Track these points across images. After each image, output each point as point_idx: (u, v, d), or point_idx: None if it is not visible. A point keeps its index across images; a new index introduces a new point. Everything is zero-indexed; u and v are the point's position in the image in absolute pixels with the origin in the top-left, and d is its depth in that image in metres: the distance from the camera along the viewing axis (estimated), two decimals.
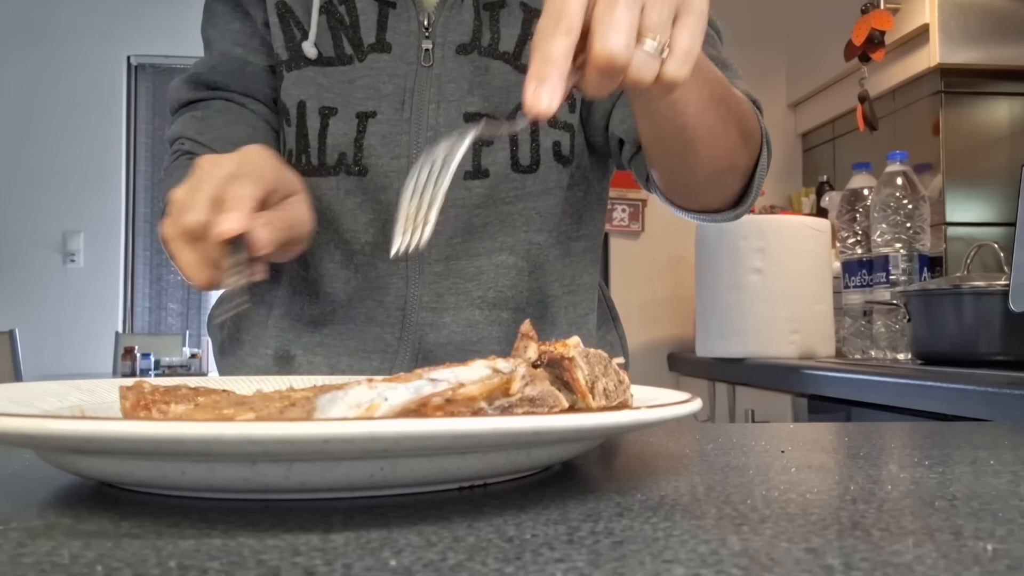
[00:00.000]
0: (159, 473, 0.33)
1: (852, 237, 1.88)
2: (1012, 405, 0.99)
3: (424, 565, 0.25)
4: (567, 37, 0.46)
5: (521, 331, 0.43)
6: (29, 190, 4.32)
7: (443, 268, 0.82)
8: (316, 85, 0.84)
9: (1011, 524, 0.31)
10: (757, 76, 2.57)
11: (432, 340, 0.82)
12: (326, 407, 0.33)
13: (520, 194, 0.83)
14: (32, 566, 0.25)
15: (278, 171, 0.65)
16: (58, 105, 4.36)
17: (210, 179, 0.61)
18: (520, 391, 0.36)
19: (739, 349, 1.88)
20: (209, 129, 0.87)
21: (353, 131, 0.83)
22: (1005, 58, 1.92)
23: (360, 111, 0.83)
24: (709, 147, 0.68)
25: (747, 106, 0.75)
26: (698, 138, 0.66)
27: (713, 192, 0.77)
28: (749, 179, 0.77)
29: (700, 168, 0.71)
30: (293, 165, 0.86)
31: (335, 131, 0.84)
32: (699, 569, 0.25)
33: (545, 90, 0.45)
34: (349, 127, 0.83)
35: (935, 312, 1.45)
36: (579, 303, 0.89)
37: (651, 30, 0.48)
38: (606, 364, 0.41)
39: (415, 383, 0.34)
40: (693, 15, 0.50)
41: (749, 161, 0.75)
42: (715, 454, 0.48)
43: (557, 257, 0.87)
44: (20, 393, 0.46)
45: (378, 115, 0.82)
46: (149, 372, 3.48)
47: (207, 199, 0.60)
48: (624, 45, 0.46)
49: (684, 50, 0.49)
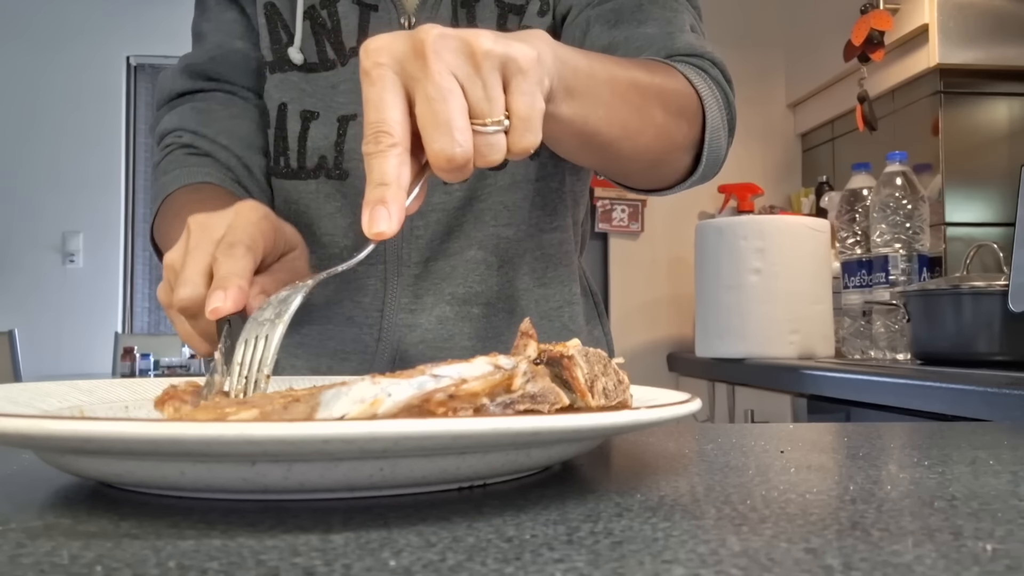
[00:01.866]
0: (158, 473, 0.33)
1: (851, 237, 1.88)
2: (1011, 405, 0.99)
3: (424, 565, 0.25)
4: (393, 151, 0.44)
5: (521, 329, 0.43)
6: (28, 190, 4.31)
7: (421, 270, 0.83)
8: (299, 90, 0.84)
9: (1010, 524, 0.31)
10: (756, 76, 2.57)
11: (408, 340, 0.83)
12: (330, 403, 0.33)
13: (491, 189, 0.83)
14: (31, 566, 0.25)
15: (273, 230, 0.62)
16: (57, 105, 4.36)
17: (202, 245, 0.58)
18: (522, 387, 0.36)
19: (738, 349, 1.88)
20: (212, 121, 0.85)
21: (334, 135, 0.83)
22: (1004, 58, 1.92)
23: (341, 115, 0.83)
24: (632, 140, 0.65)
25: (672, 81, 0.70)
26: (614, 137, 0.63)
27: (661, 172, 0.73)
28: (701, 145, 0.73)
29: (633, 159, 0.68)
30: (272, 168, 0.87)
31: (315, 135, 0.84)
32: (698, 569, 0.25)
33: (381, 214, 0.44)
34: (330, 131, 0.83)
35: (934, 312, 1.45)
36: (551, 296, 0.88)
37: (481, 112, 0.46)
38: (605, 363, 0.41)
39: (418, 379, 0.34)
40: (521, 75, 0.47)
41: (691, 133, 0.72)
42: (714, 454, 0.48)
43: (527, 250, 0.86)
44: (19, 393, 0.46)
45: (359, 118, 0.82)
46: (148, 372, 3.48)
47: (200, 271, 0.57)
48: (457, 141, 0.45)
49: (524, 118, 0.48)
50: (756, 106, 2.59)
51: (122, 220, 4.45)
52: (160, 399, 0.45)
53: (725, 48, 0.89)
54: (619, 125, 0.63)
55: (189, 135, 0.84)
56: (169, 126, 0.86)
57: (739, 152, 2.58)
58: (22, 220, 4.30)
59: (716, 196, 2.49)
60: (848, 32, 2.03)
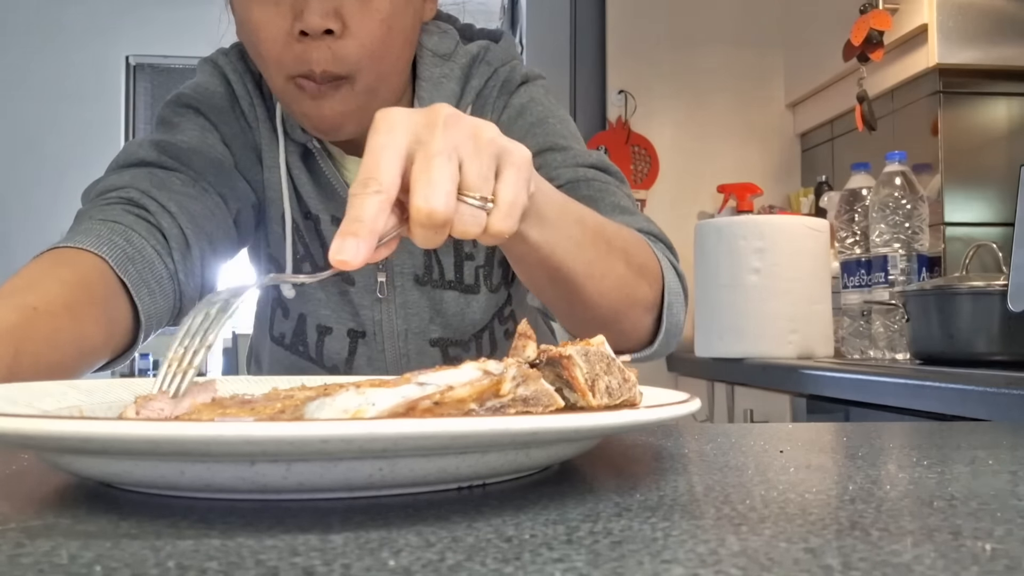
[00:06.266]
0: (158, 473, 0.33)
1: (851, 237, 1.88)
2: (1010, 405, 0.99)
3: (423, 565, 0.25)
4: (376, 196, 0.46)
5: (519, 331, 0.43)
6: (28, 190, 4.31)
7: None
8: (315, 300, 0.92)
9: (1009, 524, 0.31)
10: (756, 76, 2.57)
11: None
12: (314, 413, 0.33)
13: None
14: (31, 566, 0.25)
15: None
16: (57, 105, 4.36)
17: None
18: (511, 392, 0.36)
19: (738, 349, 1.88)
20: (166, 190, 0.80)
21: (345, 351, 0.93)
22: (1004, 58, 1.92)
23: (351, 328, 0.93)
24: (594, 282, 0.68)
25: (636, 239, 0.75)
26: (578, 275, 0.66)
27: (623, 327, 0.75)
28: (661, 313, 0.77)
29: (592, 304, 0.70)
30: (287, 347, 0.96)
31: (330, 349, 0.93)
32: (698, 569, 0.25)
33: (350, 244, 0.45)
34: (342, 346, 0.93)
35: (934, 312, 1.45)
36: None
37: (471, 186, 0.49)
38: (608, 362, 0.41)
39: (403, 387, 0.34)
40: (514, 167, 0.51)
41: (651, 294, 0.75)
42: (714, 454, 0.48)
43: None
44: (19, 393, 0.46)
45: (366, 335, 0.93)
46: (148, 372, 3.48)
47: None
48: (443, 201, 0.47)
49: (508, 203, 0.50)
50: (755, 106, 2.59)
51: None
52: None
53: (725, 48, 0.90)
54: (584, 263, 0.66)
55: (137, 192, 0.78)
56: (117, 183, 0.80)
57: (738, 152, 2.58)
58: (22, 220, 4.30)
59: (715, 196, 2.49)
60: (847, 32, 2.03)
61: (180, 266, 0.78)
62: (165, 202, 0.79)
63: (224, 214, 0.84)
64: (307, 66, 0.76)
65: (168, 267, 0.77)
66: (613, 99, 2.52)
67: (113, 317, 0.71)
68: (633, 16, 2.53)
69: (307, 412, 0.34)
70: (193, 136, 0.86)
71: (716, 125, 2.57)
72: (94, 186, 0.82)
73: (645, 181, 2.51)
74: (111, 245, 0.72)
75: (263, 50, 0.78)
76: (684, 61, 2.52)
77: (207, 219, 0.82)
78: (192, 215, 0.80)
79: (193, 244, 0.79)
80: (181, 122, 0.87)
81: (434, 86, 0.88)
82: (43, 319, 0.64)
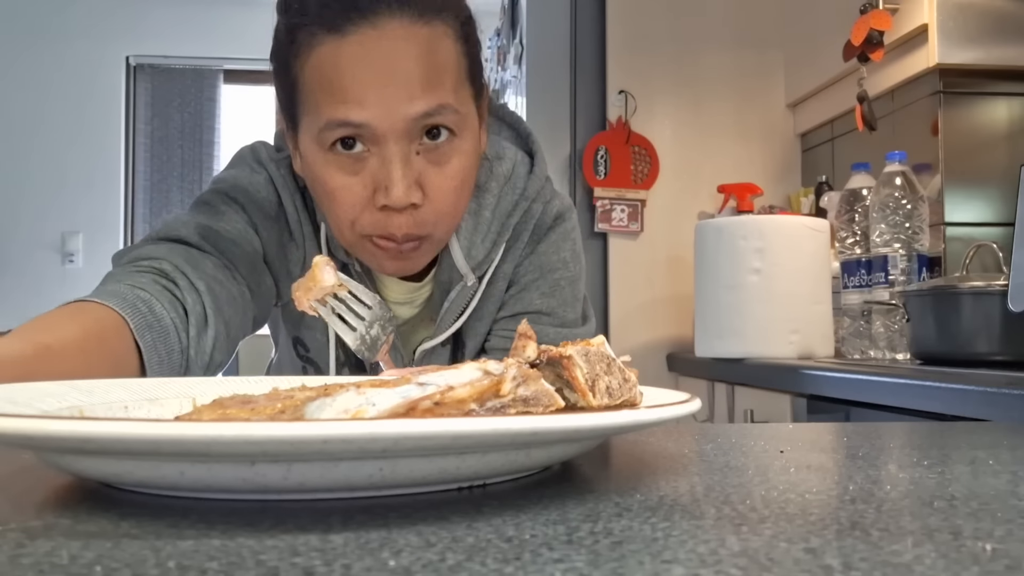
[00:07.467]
0: (158, 474, 0.33)
1: (851, 237, 1.88)
2: (1011, 405, 0.99)
3: (423, 565, 0.25)
4: None
5: (519, 331, 0.43)
6: (28, 190, 4.31)
7: None
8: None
9: (1010, 524, 0.31)
10: (756, 77, 2.57)
11: None
12: (315, 413, 0.33)
13: None
14: (31, 567, 0.25)
15: None
16: (57, 105, 4.36)
17: None
18: (512, 392, 0.36)
19: (738, 349, 1.88)
20: (198, 270, 0.81)
21: None
22: (1004, 58, 1.92)
23: None
24: None
25: None
26: None
27: None
28: None
29: None
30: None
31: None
32: (698, 569, 0.25)
33: None
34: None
35: (934, 312, 1.45)
36: None
37: None
38: (609, 362, 0.41)
39: (403, 388, 0.34)
40: None
41: None
42: (714, 454, 0.48)
43: None
44: (19, 393, 0.46)
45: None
46: None
47: None
48: None
49: None
50: (755, 106, 2.58)
51: (121, 220, 4.45)
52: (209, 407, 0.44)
53: (725, 48, 0.90)
54: None
55: (170, 266, 0.80)
56: (153, 254, 0.81)
57: (738, 152, 2.58)
58: (21, 220, 4.30)
59: (715, 196, 2.49)
60: (847, 32, 2.03)
61: (193, 343, 0.79)
62: (195, 280, 0.80)
63: (247, 305, 0.87)
64: (387, 231, 0.80)
65: (182, 342, 0.78)
66: (613, 99, 2.52)
67: (121, 374, 0.73)
68: (633, 16, 2.53)
69: (307, 412, 0.34)
70: (235, 229, 0.88)
71: (716, 125, 2.57)
72: (128, 251, 0.84)
73: (645, 181, 2.51)
74: (134, 310, 0.74)
75: (340, 213, 0.81)
76: (684, 61, 2.52)
77: (230, 304, 0.83)
78: (217, 297, 0.82)
79: (211, 325, 0.80)
80: (227, 211, 0.89)
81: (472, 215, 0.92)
82: (55, 357, 0.65)
